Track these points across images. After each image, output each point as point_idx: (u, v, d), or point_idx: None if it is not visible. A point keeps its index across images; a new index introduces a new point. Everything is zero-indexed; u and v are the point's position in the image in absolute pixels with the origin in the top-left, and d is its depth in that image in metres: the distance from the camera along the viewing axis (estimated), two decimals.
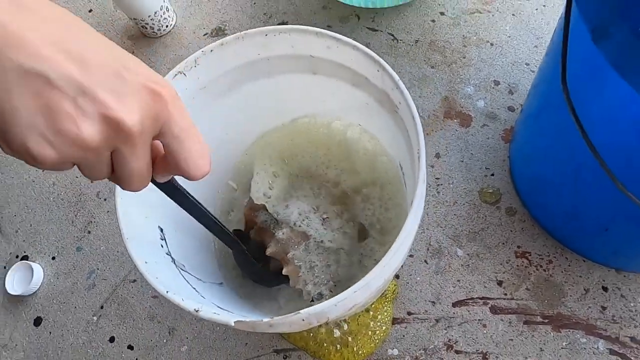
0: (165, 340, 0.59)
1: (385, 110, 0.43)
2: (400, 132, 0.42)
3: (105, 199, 0.69)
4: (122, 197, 0.37)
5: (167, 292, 0.33)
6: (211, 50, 0.42)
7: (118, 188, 0.37)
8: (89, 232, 0.68)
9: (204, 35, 0.80)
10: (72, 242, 0.67)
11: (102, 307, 0.63)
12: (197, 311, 0.32)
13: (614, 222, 0.46)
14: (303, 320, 0.33)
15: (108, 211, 0.68)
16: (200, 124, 0.48)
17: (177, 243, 0.43)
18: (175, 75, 0.41)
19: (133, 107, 0.21)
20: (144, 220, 0.39)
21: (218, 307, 0.37)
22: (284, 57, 0.44)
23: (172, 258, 0.40)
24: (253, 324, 0.33)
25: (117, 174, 0.23)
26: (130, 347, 0.59)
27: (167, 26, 0.80)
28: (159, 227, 0.41)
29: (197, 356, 0.57)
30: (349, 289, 0.32)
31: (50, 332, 0.62)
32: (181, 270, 0.40)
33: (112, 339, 0.60)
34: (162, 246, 0.40)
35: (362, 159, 0.50)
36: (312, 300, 0.44)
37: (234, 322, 0.31)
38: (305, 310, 0.31)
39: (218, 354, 0.57)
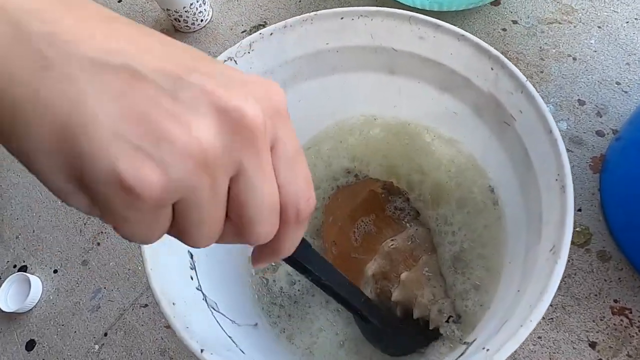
0: None
1: (484, 121, 0.34)
2: (505, 151, 0.33)
3: None
4: None
5: (201, 350, 0.23)
6: (271, 34, 0.33)
7: None
8: (98, 244, 0.59)
9: (242, 32, 0.72)
10: (78, 254, 0.59)
11: (105, 335, 0.53)
12: None
13: None
14: None
15: None
16: None
17: (208, 273, 0.34)
18: (225, 61, 0.33)
19: (248, 98, 0.14)
20: (172, 243, 0.30)
21: None
22: (359, 50, 0.36)
23: (203, 295, 0.31)
24: None
25: (240, 212, 0.16)
26: None
27: (202, 20, 0.73)
28: (188, 252, 0.32)
29: None
30: None
31: (43, 359, 0.53)
32: (213, 311, 0.31)
33: None
34: (191, 278, 0.31)
35: (439, 171, 0.41)
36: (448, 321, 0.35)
37: None
38: None
39: None
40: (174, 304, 0.26)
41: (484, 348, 0.24)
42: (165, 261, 0.28)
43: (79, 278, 0.57)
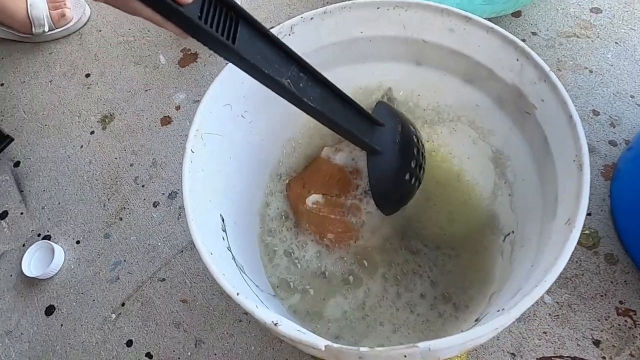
0: (189, 353, 0.51)
1: (506, 112, 0.36)
2: (525, 140, 0.35)
3: (143, 186, 0.63)
4: (191, 171, 0.31)
5: (237, 294, 0.25)
6: (311, 18, 0.36)
7: (187, 158, 0.31)
8: (121, 218, 0.61)
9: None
10: (101, 228, 0.61)
11: (123, 305, 0.55)
12: (275, 324, 0.24)
13: None
14: (405, 357, 0.25)
15: (144, 199, 0.62)
16: (279, 103, 0.42)
17: (235, 239, 0.36)
18: None
19: None
20: (208, 203, 0.32)
21: None
22: (390, 40, 0.38)
23: (232, 255, 0.33)
24: (339, 351, 0.25)
25: None
26: (149, 356, 0.52)
27: None
28: (220, 215, 0.34)
29: None
30: (479, 328, 0.24)
31: (61, 325, 0.55)
32: (241, 272, 0.33)
33: (129, 343, 0.53)
34: (223, 239, 0.33)
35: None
36: None
37: (325, 346, 0.23)
38: (420, 345, 0.23)
39: None
40: (211, 253, 0.28)
41: (498, 310, 0.26)
42: (203, 217, 0.30)
43: (100, 250, 0.59)
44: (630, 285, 0.48)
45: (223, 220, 0.35)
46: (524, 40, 0.66)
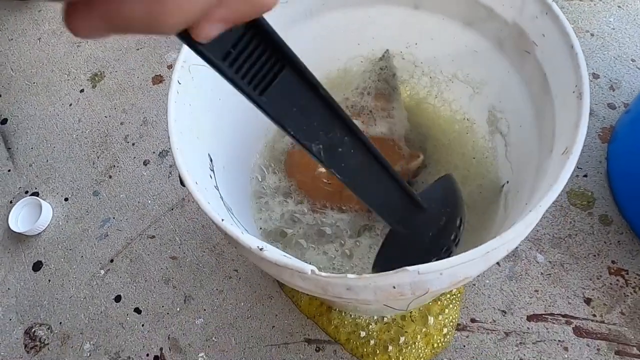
0: (178, 309, 0.51)
1: (505, 56, 0.35)
2: (524, 83, 0.34)
3: (133, 144, 0.62)
4: (177, 102, 0.29)
5: (222, 220, 0.24)
6: None
7: (173, 89, 0.30)
8: (110, 176, 0.60)
9: None
10: (90, 185, 0.60)
11: (111, 261, 0.54)
12: (261, 249, 0.23)
13: None
14: (394, 287, 0.24)
15: (135, 157, 0.61)
16: None
17: (224, 182, 0.35)
18: None
19: None
20: (195, 139, 0.31)
21: None
22: None
23: (220, 194, 0.32)
24: (327, 281, 0.24)
25: None
26: (138, 311, 0.51)
27: None
28: (208, 155, 0.33)
29: (214, 332, 0.49)
30: (469, 252, 0.23)
31: (49, 280, 0.54)
32: (229, 212, 0.32)
33: (118, 298, 0.52)
34: (210, 177, 0.32)
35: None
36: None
37: (311, 270, 0.23)
38: (409, 269, 0.22)
39: (238, 334, 0.48)
40: (197, 183, 0.27)
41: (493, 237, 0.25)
42: (190, 150, 0.29)
43: (88, 207, 0.58)
44: (624, 245, 0.48)
45: (211, 160, 0.34)
46: None
